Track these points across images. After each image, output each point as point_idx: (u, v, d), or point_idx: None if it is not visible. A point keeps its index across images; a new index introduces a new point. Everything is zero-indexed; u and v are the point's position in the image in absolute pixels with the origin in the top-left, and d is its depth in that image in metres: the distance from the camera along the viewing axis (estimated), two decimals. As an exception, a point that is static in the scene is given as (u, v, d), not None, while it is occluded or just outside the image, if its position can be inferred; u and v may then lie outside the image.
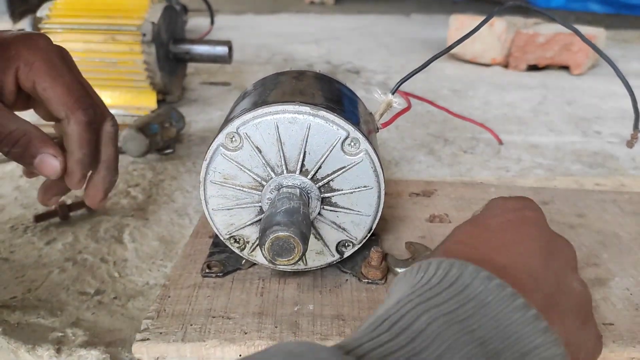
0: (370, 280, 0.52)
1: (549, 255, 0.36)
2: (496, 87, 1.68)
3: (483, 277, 0.29)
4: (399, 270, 0.52)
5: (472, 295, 0.28)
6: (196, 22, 2.43)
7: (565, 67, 1.87)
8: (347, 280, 0.53)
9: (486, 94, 1.59)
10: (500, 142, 1.16)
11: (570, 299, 0.34)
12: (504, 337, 0.27)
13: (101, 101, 0.51)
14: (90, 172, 0.51)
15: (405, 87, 0.59)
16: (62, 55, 0.50)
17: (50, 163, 0.47)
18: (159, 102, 1.34)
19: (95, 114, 0.49)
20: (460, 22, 1.97)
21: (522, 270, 0.33)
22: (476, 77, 1.81)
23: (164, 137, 1.05)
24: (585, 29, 1.91)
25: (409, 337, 0.26)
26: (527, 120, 1.35)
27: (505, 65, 1.92)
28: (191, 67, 1.65)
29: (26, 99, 0.51)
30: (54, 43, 0.50)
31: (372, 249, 0.53)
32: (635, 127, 0.63)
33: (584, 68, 1.82)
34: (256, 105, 0.47)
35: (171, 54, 1.34)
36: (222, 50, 1.35)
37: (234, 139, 0.47)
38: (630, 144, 0.64)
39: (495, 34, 1.87)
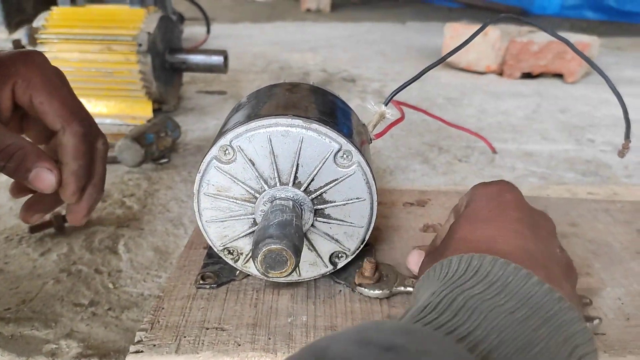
0: (363, 291, 0.52)
1: (535, 230, 0.42)
2: (491, 95, 1.69)
3: (501, 263, 0.35)
4: (368, 291, 0.52)
5: (495, 278, 0.34)
6: (192, 31, 2.44)
7: (559, 75, 1.88)
8: (340, 291, 0.53)
9: (481, 102, 1.60)
10: (494, 151, 1.17)
11: (560, 265, 0.40)
12: (528, 307, 0.33)
13: (93, 119, 0.52)
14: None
15: (400, 95, 0.59)
16: (58, 72, 0.51)
17: (46, 177, 0.47)
18: (154, 111, 1.35)
19: (91, 127, 0.50)
20: (455, 30, 1.98)
21: (521, 252, 0.38)
22: (471, 85, 1.82)
23: (160, 146, 1.05)
24: (580, 37, 1.93)
25: (451, 313, 0.32)
26: (521, 128, 1.36)
27: (500, 74, 1.93)
28: (187, 76, 1.66)
29: (20, 120, 0.51)
30: (50, 60, 0.51)
31: (366, 259, 0.53)
32: (627, 136, 0.64)
33: (578, 76, 1.84)
34: (249, 118, 0.48)
35: (167, 64, 1.35)
36: (217, 59, 1.36)
37: (227, 152, 0.47)
38: (621, 153, 0.65)
39: (489, 42, 1.88)
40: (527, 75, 1.90)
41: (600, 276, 0.56)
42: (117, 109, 1.34)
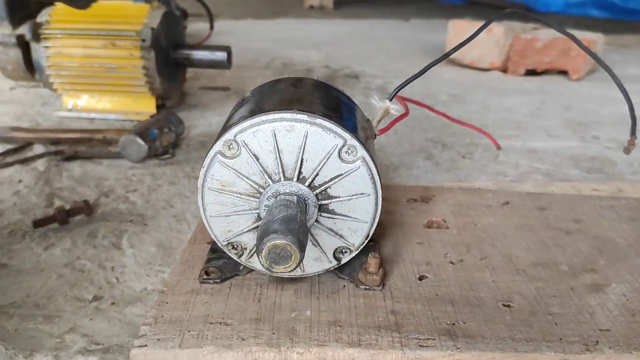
0: (367, 287, 0.52)
1: None
2: (495, 92, 1.68)
3: None
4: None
5: None
6: (196, 27, 2.43)
7: (563, 72, 1.88)
8: (344, 286, 0.53)
9: (485, 99, 1.59)
10: (499, 147, 1.16)
11: None
12: None
13: None
14: None
15: (403, 92, 0.59)
16: None
17: None
18: (158, 107, 1.35)
19: None
20: (459, 27, 1.98)
21: None
22: (475, 82, 1.81)
23: (163, 142, 1.05)
24: (584, 34, 1.92)
25: None
26: (525, 125, 1.36)
27: (504, 70, 1.92)
28: (191, 71, 1.65)
29: None
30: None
31: (370, 255, 0.53)
32: (632, 133, 0.63)
33: (582, 73, 1.83)
34: (254, 113, 0.48)
35: (171, 59, 1.35)
36: (221, 55, 1.36)
37: (231, 147, 0.47)
38: (627, 150, 0.64)
39: (493, 39, 1.87)
40: (532, 72, 1.89)
41: (605, 272, 0.56)
42: (120, 104, 1.34)
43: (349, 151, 0.48)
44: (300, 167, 0.48)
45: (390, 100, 0.57)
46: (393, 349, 0.45)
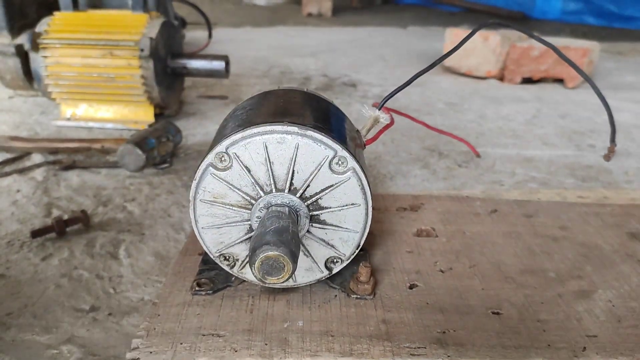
0: (359, 296, 0.53)
1: None
2: (491, 100, 1.69)
3: None
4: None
5: None
6: (195, 35, 2.45)
7: (559, 80, 1.89)
8: (335, 295, 0.53)
9: (481, 107, 1.60)
10: (478, 155, 1.17)
11: None
12: None
13: None
14: None
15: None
16: None
17: None
18: (156, 116, 1.36)
19: None
20: (456, 36, 1.99)
21: None
22: (472, 90, 1.82)
23: (161, 151, 1.06)
24: (580, 42, 1.94)
25: None
26: (521, 133, 1.36)
27: (500, 79, 1.93)
28: (189, 80, 1.66)
29: None
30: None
31: (361, 264, 0.53)
32: (612, 140, 0.64)
33: (578, 81, 1.84)
34: (245, 125, 0.48)
35: (169, 69, 1.36)
36: (219, 64, 1.37)
37: (223, 159, 0.48)
38: (607, 157, 0.65)
39: (490, 47, 1.88)
40: (528, 80, 1.90)
41: (592, 279, 0.57)
42: (119, 113, 1.35)
43: (340, 162, 0.48)
44: (292, 179, 0.48)
45: (380, 109, 0.58)
46: (385, 358, 0.45)
